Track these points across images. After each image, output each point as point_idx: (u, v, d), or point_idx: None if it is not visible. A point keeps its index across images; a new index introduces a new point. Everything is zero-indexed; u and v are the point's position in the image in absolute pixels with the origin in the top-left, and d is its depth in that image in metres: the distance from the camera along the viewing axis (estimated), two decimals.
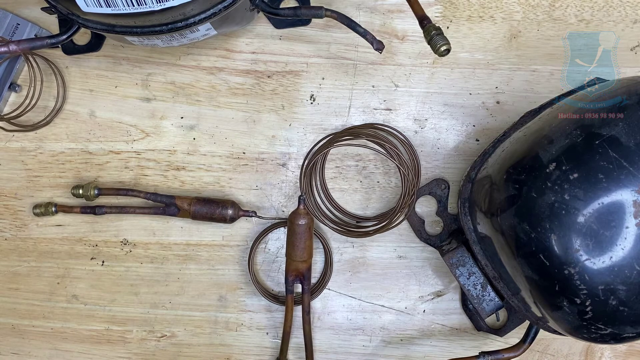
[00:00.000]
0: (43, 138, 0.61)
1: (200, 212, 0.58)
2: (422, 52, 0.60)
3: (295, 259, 0.56)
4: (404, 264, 0.61)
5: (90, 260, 0.61)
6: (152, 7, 0.43)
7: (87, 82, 0.61)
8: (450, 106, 0.61)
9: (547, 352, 0.61)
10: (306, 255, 0.57)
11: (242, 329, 0.61)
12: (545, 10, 0.60)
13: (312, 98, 0.61)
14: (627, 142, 0.40)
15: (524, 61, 0.60)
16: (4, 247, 0.62)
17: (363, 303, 0.61)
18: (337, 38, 0.60)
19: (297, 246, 0.56)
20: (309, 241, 0.56)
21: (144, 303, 0.61)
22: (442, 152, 0.61)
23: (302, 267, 0.57)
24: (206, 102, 0.61)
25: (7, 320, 0.62)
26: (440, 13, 0.60)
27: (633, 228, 0.39)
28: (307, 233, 0.56)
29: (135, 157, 0.61)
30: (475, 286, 0.54)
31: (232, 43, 0.61)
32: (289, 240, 0.56)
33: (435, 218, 0.61)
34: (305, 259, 0.57)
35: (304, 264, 0.57)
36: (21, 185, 0.61)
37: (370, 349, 0.61)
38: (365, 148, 0.59)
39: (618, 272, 0.39)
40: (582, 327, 0.42)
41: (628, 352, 0.61)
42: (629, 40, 0.60)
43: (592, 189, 0.40)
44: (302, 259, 0.56)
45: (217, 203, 0.58)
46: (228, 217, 0.58)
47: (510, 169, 0.45)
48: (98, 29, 0.47)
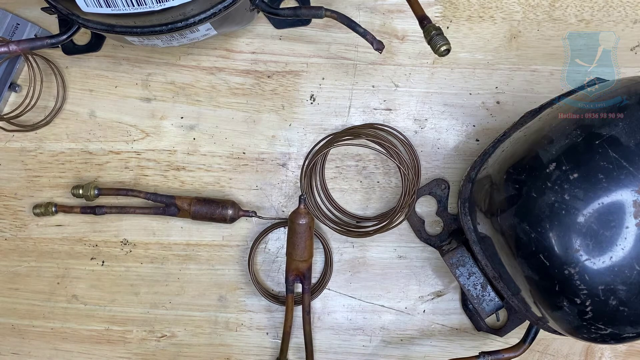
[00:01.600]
0: (43, 138, 0.61)
1: (200, 212, 0.58)
2: (422, 52, 0.60)
3: (295, 258, 0.56)
4: (404, 264, 0.61)
5: (90, 260, 0.61)
6: (152, 7, 0.43)
7: (87, 82, 0.61)
8: (450, 106, 0.61)
9: (547, 352, 0.61)
10: (307, 254, 0.56)
11: (242, 329, 0.61)
12: (545, 10, 0.60)
13: (312, 98, 0.61)
14: (627, 142, 0.40)
15: (524, 61, 0.60)
16: (4, 247, 0.62)
17: (363, 303, 0.61)
18: (337, 38, 0.60)
19: (297, 245, 0.56)
20: (309, 240, 0.56)
21: (144, 303, 0.61)
22: (442, 152, 0.61)
23: (302, 266, 0.57)
24: (206, 102, 0.61)
25: (7, 320, 0.62)
26: (440, 13, 0.60)
27: (633, 228, 0.39)
28: (308, 232, 0.56)
29: (135, 157, 0.61)
30: (475, 286, 0.54)
31: (232, 43, 0.61)
32: (290, 240, 0.56)
33: (435, 218, 0.61)
34: (305, 259, 0.57)
35: (304, 263, 0.57)
36: (21, 185, 0.61)
37: (370, 349, 0.61)
38: (366, 148, 0.59)
39: (618, 272, 0.39)
40: (582, 327, 0.42)
41: (628, 352, 0.61)
42: (629, 40, 0.60)
43: (592, 189, 0.40)
44: (303, 258, 0.56)
45: (217, 203, 0.58)
46: (228, 217, 0.58)
47: (510, 169, 0.45)
48: (98, 29, 0.47)
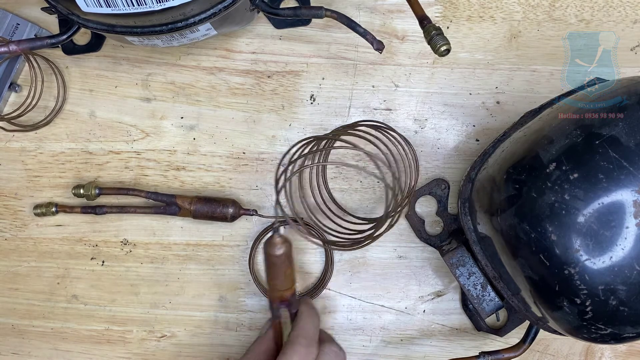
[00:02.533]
0: (43, 138, 0.61)
1: (201, 210, 0.58)
2: (422, 52, 0.60)
3: (277, 288, 0.47)
4: (404, 264, 0.61)
5: (90, 260, 0.61)
6: (152, 7, 0.43)
7: (87, 82, 0.61)
8: (450, 106, 0.61)
9: (547, 352, 0.61)
10: (289, 283, 0.47)
11: (242, 329, 0.61)
12: (545, 10, 0.60)
13: (312, 98, 0.61)
14: (627, 142, 0.40)
15: (524, 61, 0.60)
16: (4, 247, 0.62)
17: (363, 303, 0.61)
18: (337, 38, 0.60)
19: (277, 277, 0.47)
20: (289, 269, 0.47)
21: (144, 303, 0.61)
22: (442, 152, 0.61)
23: (286, 294, 0.48)
24: (206, 102, 0.61)
25: (7, 320, 0.62)
26: (440, 13, 0.60)
27: (633, 228, 0.39)
28: (287, 262, 0.46)
29: (135, 157, 0.61)
30: (475, 286, 0.54)
31: (232, 43, 0.61)
32: (268, 271, 0.47)
33: (435, 218, 0.61)
34: (288, 287, 0.48)
35: (288, 291, 0.48)
36: (21, 185, 0.61)
37: (370, 349, 0.61)
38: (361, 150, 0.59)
39: (618, 272, 0.39)
40: (582, 327, 0.42)
41: (628, 352, 0.61)
42: (629, 40, 0.60)
43: (592, 189, 0.40)
44: (285, 287, 0.47)
45: (218, 202, 0.58)
46: (229, 215, 0.58)
47: (510, 169, 0.45)
48: (98, 29, 0.47)
